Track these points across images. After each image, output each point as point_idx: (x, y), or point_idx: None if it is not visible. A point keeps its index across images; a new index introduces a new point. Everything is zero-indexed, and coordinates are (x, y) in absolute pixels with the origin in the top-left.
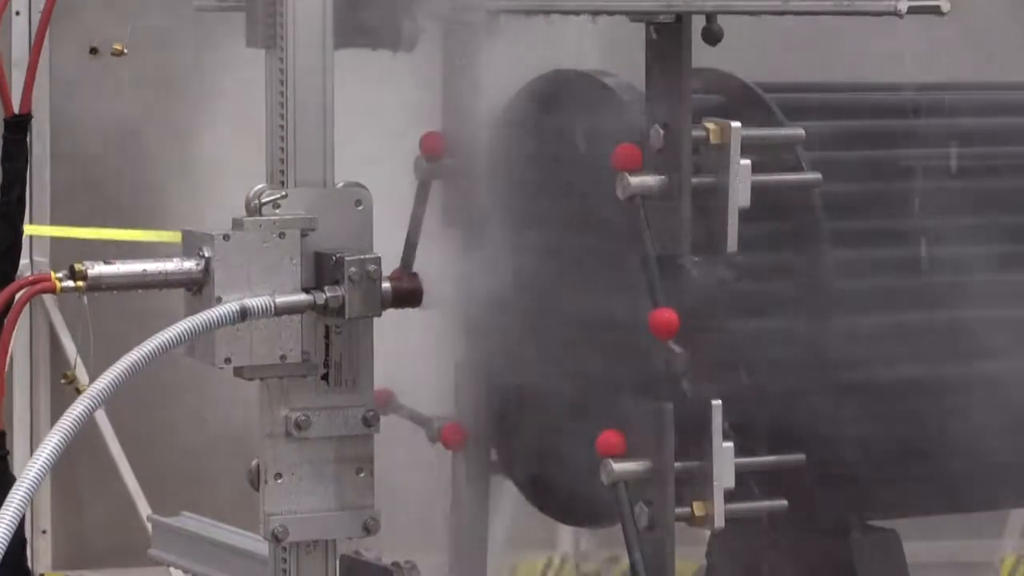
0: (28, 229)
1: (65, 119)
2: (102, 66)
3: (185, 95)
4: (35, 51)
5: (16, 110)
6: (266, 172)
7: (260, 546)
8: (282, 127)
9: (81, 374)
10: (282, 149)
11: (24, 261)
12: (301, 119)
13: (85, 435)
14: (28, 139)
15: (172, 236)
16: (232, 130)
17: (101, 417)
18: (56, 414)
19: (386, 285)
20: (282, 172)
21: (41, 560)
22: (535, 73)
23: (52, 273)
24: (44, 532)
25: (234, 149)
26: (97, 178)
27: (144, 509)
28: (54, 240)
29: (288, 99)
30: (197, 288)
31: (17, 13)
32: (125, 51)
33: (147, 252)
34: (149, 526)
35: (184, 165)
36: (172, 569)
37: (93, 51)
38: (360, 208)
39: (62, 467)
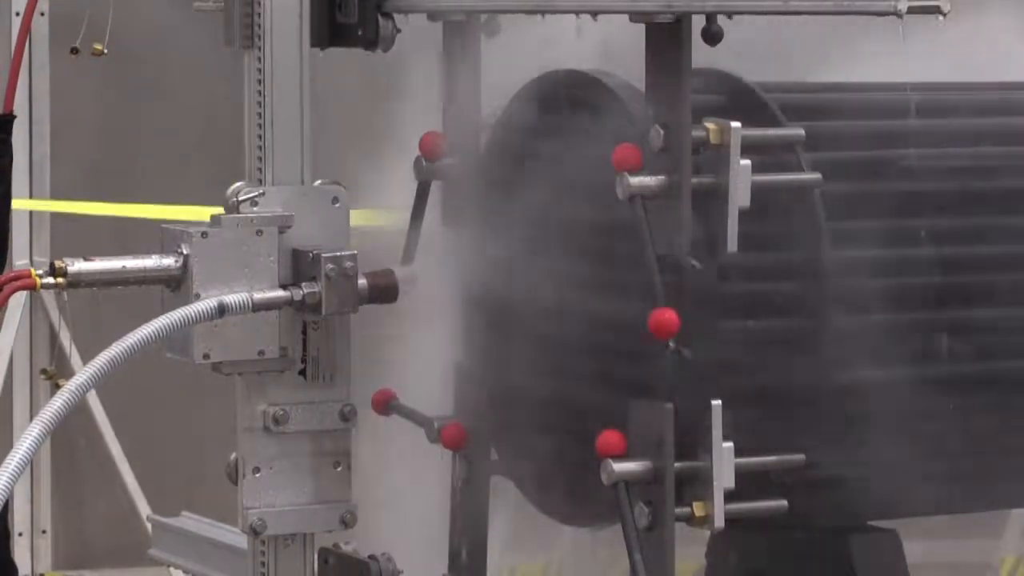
0: (30, 204)
1: (65, 119)
2: (102, 67)
3: (182, 95)
4: (17, 52)
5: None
6: (245, 170)
7: None
8: (260, 125)
9: (78, 366)
10: (260, 147)
11: (23, 261)
12: (279, 117)
13: (85, 435)
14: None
15: (172, 212)
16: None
17: (101, 417)
18: None
19: (362, 281)
20: (259, 170)
21: (41, 560)
22: (535, 73)
23: (32, 270)
24: (44, 532)
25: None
26: (97, 178)
27: (144, 509)
28: (54, 241)
29: (266, 98)
30: (176, 285)
31: (17, 14)
32: (105, 51)
33: (145, 248)
34: (149, 526)
35: (182, 165)
36: (172, 569)
37: (74, 51)
38: (337, 206)
39: (62, 467)
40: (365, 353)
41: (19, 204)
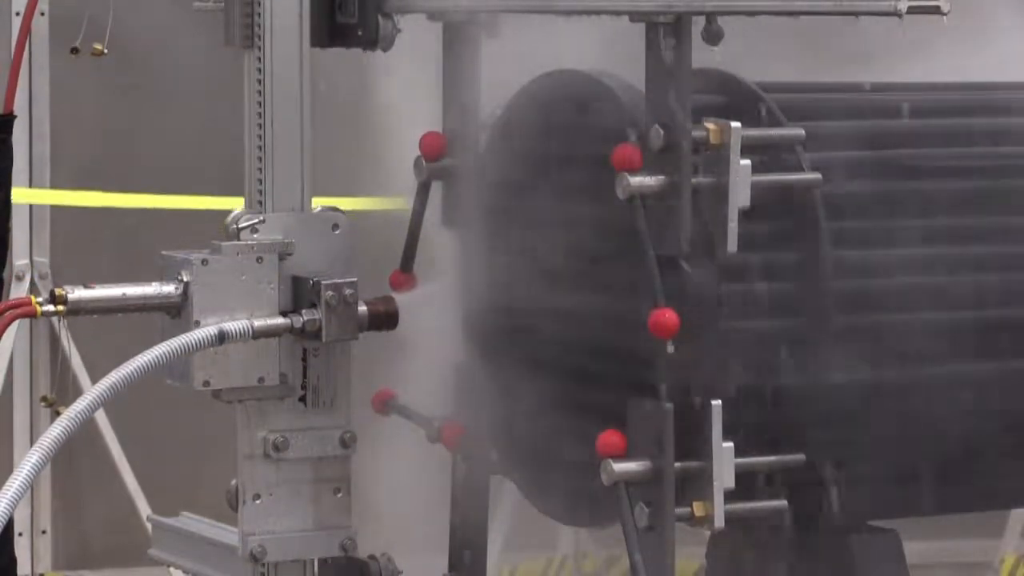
0: (30, 194)
1: (65, 119)
2: (102, 67)
3: (182, 96)
4: (18, 52)
5: (0, 110)
6: (245, 196)
7: None
8: (260, 126)
9: (86, 385)
10: (260, 160)
11: (24, 261)
12: (279, 118)
13: (85, 435)
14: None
15: (174, 201)
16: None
17: (101, 417)
18: None
19: (362, 308)
20: (260, 192)
21: (41, 560)
22: (535, 73)
23: (32, 298)
24: (44, 532)
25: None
26: (97, 178)
27: (144, 509)
28: (54, 241)
29: (265, 98)
30: (176, 312)
31: (17, 14)
32: (105, 51)
33: (145, 248)
34: (149, 526)
35: (182, 165)
36: (172, 569)
37: (74, 51)
38: (337, 232)
39: (62, 468)
40: (365, 352)
41: (19, 195)
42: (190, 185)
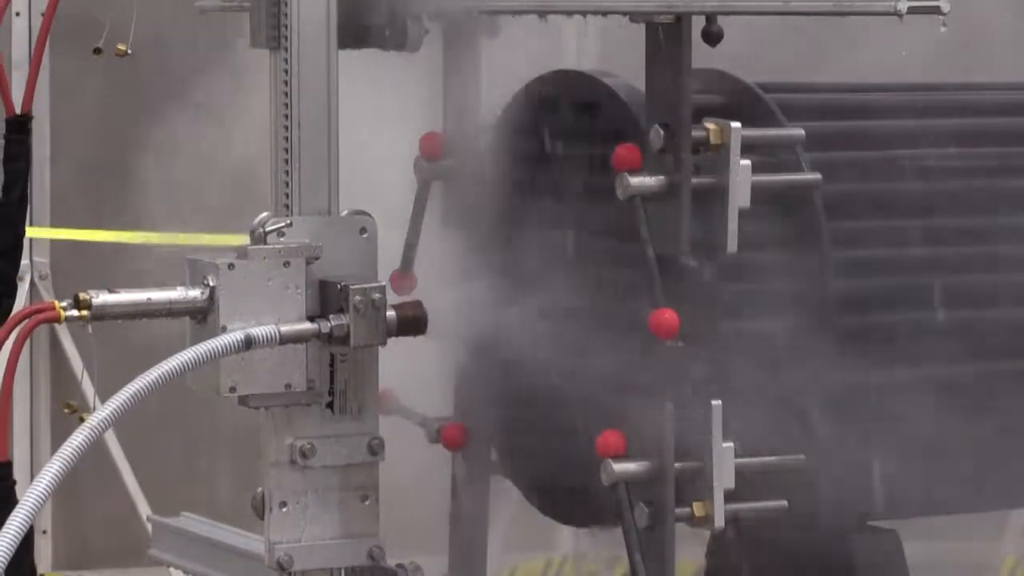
0: (28, 231)
1: (65, 119)
2: (103, 67)
3: (186, 97)
4: (37, 52)
5: (17, 110)
6: (271, 200)
7: (260, 546)
8: (287, 150)
9: (89, 393)
10: (286, 173)
11: (24, 261)
12: (306, 121)
13: None
14: (30, 139)
15: (167, 238)
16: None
17: None
18: (56, 437)
19: (390, 313)
20: (287, 195)
21: (41, 560)
22: (535, 73)
23: (56, 303)
24: (44, 532)
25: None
26: (97, 179)
27: (144, 509)
28: (54, 241)
29: (292, 100)
30: (202, 317)
31: (17, 14)
32: (129, 51)
33: (145, 255)
34: (149, 526)
35: (184, 167)
36: (172, 569)
37: (97, 51)
38: (365, 236)
39: None
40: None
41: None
42: (191, 187)
